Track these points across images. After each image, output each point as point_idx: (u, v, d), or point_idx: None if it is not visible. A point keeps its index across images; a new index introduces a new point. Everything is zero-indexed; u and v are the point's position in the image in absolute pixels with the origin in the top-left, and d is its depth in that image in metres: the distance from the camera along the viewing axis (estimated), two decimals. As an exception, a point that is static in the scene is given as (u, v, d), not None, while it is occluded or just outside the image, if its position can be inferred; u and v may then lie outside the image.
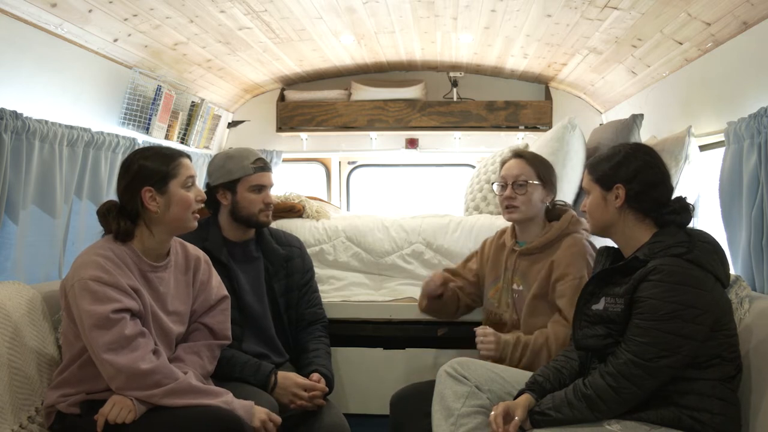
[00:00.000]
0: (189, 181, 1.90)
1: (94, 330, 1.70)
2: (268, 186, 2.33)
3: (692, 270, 1.65)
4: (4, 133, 1.98)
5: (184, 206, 1.88)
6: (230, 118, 4.39)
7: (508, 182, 2.26)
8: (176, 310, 1.94)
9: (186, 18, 2.70)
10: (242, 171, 2.28)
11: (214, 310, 2.04)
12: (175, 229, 1.91)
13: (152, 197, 1.85)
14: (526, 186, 2.22)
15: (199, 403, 1.75)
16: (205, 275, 2.04)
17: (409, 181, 4.83)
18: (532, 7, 2.82)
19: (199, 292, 2.02)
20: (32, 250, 2.24)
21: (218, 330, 2.02)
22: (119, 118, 2.88)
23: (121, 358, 1.69)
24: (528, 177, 2.24)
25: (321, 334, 2.43)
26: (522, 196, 2.22)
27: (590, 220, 1.88)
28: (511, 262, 2.27)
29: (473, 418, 1.82)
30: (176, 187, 1.87)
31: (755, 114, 1.93)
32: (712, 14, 2.23)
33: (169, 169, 1.87)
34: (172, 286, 1.94)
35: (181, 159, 1.92)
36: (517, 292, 2.24)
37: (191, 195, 1.90)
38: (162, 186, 1.86)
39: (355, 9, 2.98)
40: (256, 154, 2.35)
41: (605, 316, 1.74)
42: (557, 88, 4.25)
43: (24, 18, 2.13)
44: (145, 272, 1.87)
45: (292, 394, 2.12)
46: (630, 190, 1.78)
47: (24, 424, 1.81)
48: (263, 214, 2.31)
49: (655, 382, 1.64)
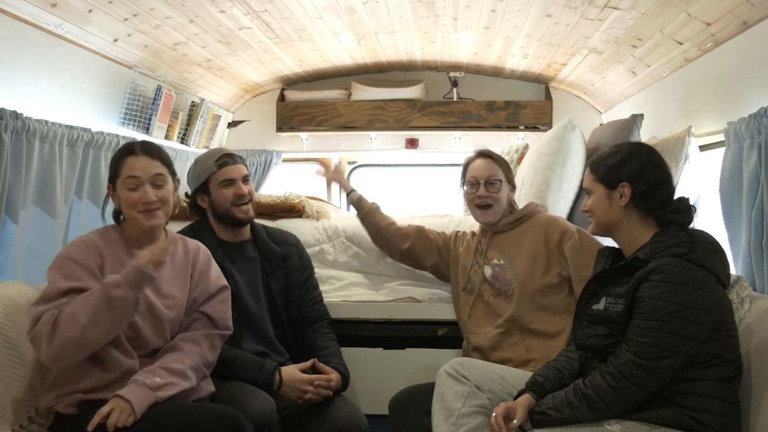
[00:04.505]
0: (130, 182, 1.85)
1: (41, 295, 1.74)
2: (237, 178, 2.30)
3: (694, 270, 1.65)
4: (4, 133, 1.98)
5: (127, 206, 1.87)
6: (230, 118, 4.39)
7: (479, 181, 2.33)
8: (171, 294, 1.92)
9: (186, 18, 2.70)
10: (208, 171, 2.30)
11: (214, 299, 2.02)
12: (135, 227, 1.90)
13: (111, 194, 1.90)
14: (497, 184, 2.32)
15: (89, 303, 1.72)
16: (205, 264, 2.04)
17: (409, 181, 4.82)
18: (532, 7, 2.82)
19: (198, 280, 2.00)
20: (32, 250, 2.24)
21: (218, 319, 2.00)
22: (119, 118, 2.89)
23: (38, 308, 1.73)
24: (498, 176, 2.33)
25: (327, 330, 2.43)
26: (495, 194, 2.32)
27: (593, 219, 1.87)
28: (486, 241, 2.36)
29: (473, 418, 1.82)
30: (120, 186, 1.87)
31: (755, 114, 1.93)
32: (712, 14, 2.23)
33: (116, 167, 1.88)
34: (167, 269, 1.92)
35: (127, 157, 1.88)
36: (499, 266, 2.31)
37: (134, 195, 1.85)
38: (113, 183, 1.89)
39: (355, 9, 2.98)
40: (222, 151, 2.35)
41: (606, 316, 1.74)
42: (557, 88, 4.25)
43: (24, 18, 2.13)
44: (137, 250, 1.83)
45: (300, 390, 2.13)
46: (636, 188, 1.77)
47: (24, 425, 1.81)
48: (237, 208, 2.28)
49: (655, 382, 1.64)
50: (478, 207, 2.34)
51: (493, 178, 2.32)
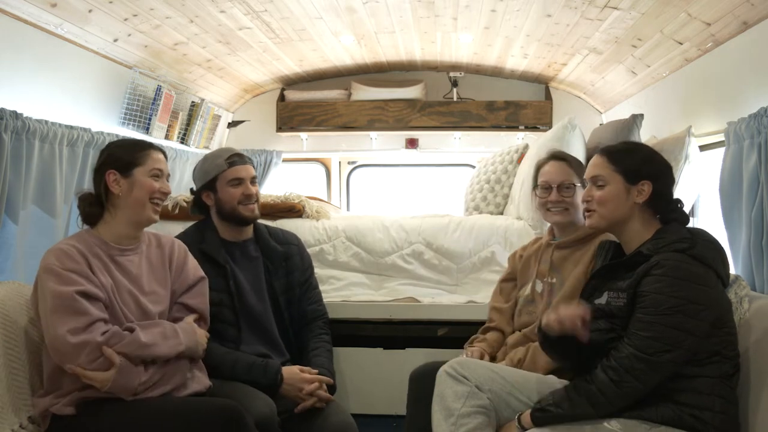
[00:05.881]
0: (155, 172, 1.94)
1: (57, 310, 1.72)
2: (246, 178, 2.32)
3: (695, 266, 1.65)
4: (4, 133, 1.98)
5: (145, 191, 1.91)
6: (230, 118, 4.39)
7: (552, 186, 2.20)
8: (153, 290, 1.96)
9: (186, 18, 2.70)
10: (217, 168, 2.30)
11: (192, 290, 2.05)
12: (135, 215, 1.92)
13: (116, 180, 1.90)
14: (572, 189, 2.19)
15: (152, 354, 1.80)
16: (181, 257, 2.07)
17: (409, 181, 4.82)
18: (532, 7, 2.82)
19: (176, 273, 2.04)
20: (32, 250, 2.23)
21: (200, 310, 2.05)
22: (119, 118, 2.89)
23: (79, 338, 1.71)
24: (573, 180, 2.20)
25: (321, 331, 2.43)
26: (569, 198, 2.18)
27: (600, 212, 1.81)
28: (547, 256, 2.22)
29: (473, 418, 1.82)
30: (141, 174, 1.91)
31: (755, 114, 1.93)
32: (712, 14, 2.23)
33: (136, 157, 1.93)
34: (145, 268, 1.97)
35: (151, 150, 1.96)
36: (551, 285, 2.18)
37: (156, 184, 1.93)
38: (126, 171, 1.91)
39: (355, 9, 2.98)
40: (231, 151, 2.36)
41: (608, 311, 1.74)
42: (557, 88, 4.25)
43: (24, 18, 2.13)
44: (114, 256, 1.90)
45: (299, 389, 2.13)
46: (656, 188, 1.77)
47: (24, 424, 1.81)
48: (244, 207, 2.30)
49: (656, 376, 1.63)
50: (548, 210, 2.21)
51: (567, 182, 2.19)
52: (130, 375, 1.75)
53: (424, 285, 2.90)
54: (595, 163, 1.85)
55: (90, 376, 1.73)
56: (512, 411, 1.84)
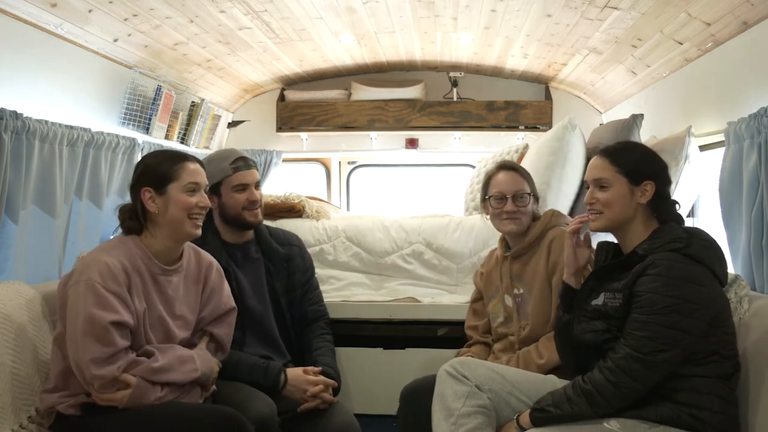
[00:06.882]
0: (191, 186, 1.89)
1: (88, 335, 1.70)
2: (251, 183, 2.31)
3: (690, 265, 1.65)
4: (4, 133, 1.98)
5: (181, 208, 1.87)
6: (230, 118, 4.39)
7: (506, 196, 2.26)
8: (182, 315, 1.95)
9: (186, 18, 2.70)
10: (222, 173, 2.28)
11: (221, 320, 2.04)
12: (174, 233, 1.89)
13: (151, 198, 1.86)
14: (525, 198, 2.26)
15: (167, 380, 1.79)
16: (216, 282, 2.05)
17: (409, 181, 4.82)
18: (532, 7, 2.82)
19: (209, 298, 2.02)
20: (32, 250, 2.23)
21: (224, 342, 2.04)
22: (119, 118, 2.88)
23: (101, 371, 1.71)
24: (525, 189, 2.27)
25: (324, 331, 2.43)
26: (524, 207, 2.25)
27: (606, 214, 1.80)
28: (506, 269, 2.28)
29: (473, 418, 1.82)
30: (175, 190, 1.87)
31: (755, 114, 1.93)
32: (712, 14, 2.23)
33: (169, 172, 1.88)
34: (182, 292, 1.94)
35: (185, 163, 1.91)
36: (520, 296, 2.24)
37: (192, 200, 1.88)
38: (161, 188, 1.86)
39: (355, 9, 2.98)
40: (237, 154, 2.34)
41: (604, 311, 1.74)
42: (557, 88, 4.24)
43: (24, 18, 2.13)
44: (155, 274, 1.88)
45: (303, 391, 2.13)
46: (659, 187, 1.77)
47: (24, 424, 1.81)
48: (249, 212, 2.29)
49: (654, 376, 1.63)
50: (502, 219, 2.27)
51: (521, 191, 2.26)
52: (146, 393, 1.76)
53: (424, 285, 2.90)
54: (597, 165, 1.83)
55: (106, 398, 1.73)
56: (512, 411, 1.84)
